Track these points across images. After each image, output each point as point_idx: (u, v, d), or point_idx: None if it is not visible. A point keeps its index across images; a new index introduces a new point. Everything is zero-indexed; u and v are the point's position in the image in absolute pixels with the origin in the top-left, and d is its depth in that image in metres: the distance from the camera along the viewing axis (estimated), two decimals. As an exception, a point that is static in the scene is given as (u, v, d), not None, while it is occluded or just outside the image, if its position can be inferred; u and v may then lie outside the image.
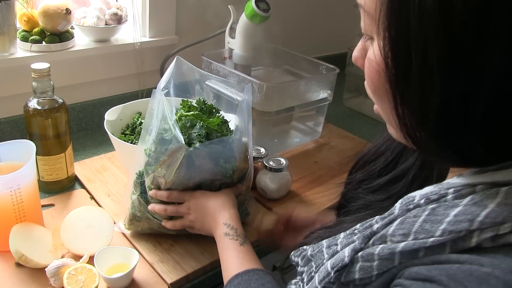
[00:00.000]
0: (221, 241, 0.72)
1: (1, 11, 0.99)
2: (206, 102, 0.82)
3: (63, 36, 1.13)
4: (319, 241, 0.56)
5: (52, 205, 0.93)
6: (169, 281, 0.77)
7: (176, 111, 0.80)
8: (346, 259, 0.47)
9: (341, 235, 0.53)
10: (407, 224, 0.44)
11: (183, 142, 0.72)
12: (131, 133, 1.03)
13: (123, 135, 1.03)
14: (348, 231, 0.52)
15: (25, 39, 1.09)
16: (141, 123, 1.03)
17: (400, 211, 0.46)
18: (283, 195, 1.01)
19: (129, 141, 0.99)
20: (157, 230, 0.84)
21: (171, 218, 0.81)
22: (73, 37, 1.16)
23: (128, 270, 0.73)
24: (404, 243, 0.43)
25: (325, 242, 0.54)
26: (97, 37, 1.20)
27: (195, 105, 0.82)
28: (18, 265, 0.77)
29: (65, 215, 0.82)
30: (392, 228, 0.45)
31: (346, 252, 0.48)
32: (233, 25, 1.20)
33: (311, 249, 0.56)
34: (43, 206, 0.90)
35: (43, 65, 0.87)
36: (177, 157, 0.73)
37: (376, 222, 0.48)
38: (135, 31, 1.24)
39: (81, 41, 1.19)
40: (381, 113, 0.47)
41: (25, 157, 0.79)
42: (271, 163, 0.99)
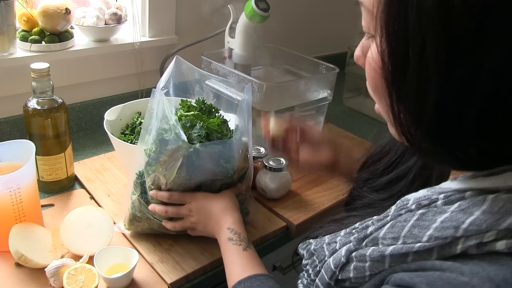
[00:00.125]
0: (225, 246, 0.73)
1: (0, 11, 0.99)
2: (205, 101, 0.82)
3: (62, 36, 1.12)
4: (324, 235, 0.58)
5: (51, 205, 0.93)
6: (169, 281, 0.77)
7: (176, 111, 0.80)
8: (343, 259, 0.49)
9: (342, 233, 0.55)
10: (397, 228, 0.45)
11: (185, 140, 0.72)
12: (131, 133, 1.03)
13: (123, 135, 1.03)
14: (348, 229, 0.54)
15: (24, 39, 1.09)
16: (140, 123, 1.03)
17: (393, 214, 0.47)
18: (283, 195, 1.01)
19: (129, 141, 0.99)
20: (157, 230, 0.84)
21: (171, 218, 0.81)
22: (72, 37, 1.16)
23: (128, 270, 0.73)
24: (393, 246, 0.44)
25: (326, 238, 0.56)
26: (96, 37, 1.20)
27: (194, 105, 0.81)
28: (18, 265, 0.77)
29: (64, 215, 0.82)
30: (383, 231, 0.46)
31: (343, 251, 0.50)
32: (233, 24, 1.20)
33: (314, 243, 0.58)
34: (42, 206, 0.90)
35: (42, 65, 0.86)
36: (178, 157, 0.73)
37: (372, 223, 0.50)
38: (134, 31, 1.24)
39: (80, 41, 1.19)
40: (381, 112, 0.48)
41: (25, 157, 0.79)
42: (271, 162, 0.99)
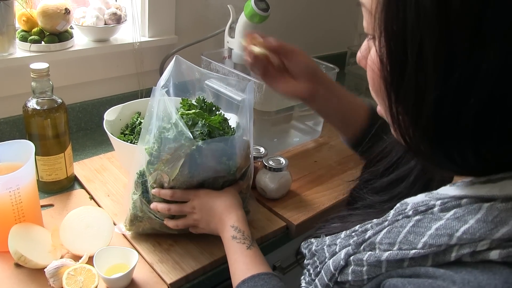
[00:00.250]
0: (228, 244, 0.73)
1: (0, 11, 0.98)
2: (205, 100, 0.82)
3: (62, 36, 1.12)
4: (327, 234, 0.58)
5: (51, 205, 0.93)
6: (168, 281, 0.77)
7: (177, 110, 0.79)
8: (342, 262, 0.50)
9: (342, 235, 0.55)
10: (393, 233, 0.45)
11: (190, 137, 0.72)
12: (131, 133, 1.03)
13: (123, 135, 1.03)
14: (348, 232, 0.54)
15: (24, 39, 1.08)
16: (140, 123, 1.03)
17: (391, 219, 0.48)
18: (283, 195, 1.01)
19: (129, 141, 0.98)
20: (159, 230, 0.84)
21: (173, 217, 0.81)
22: (72, 37, 1.15)
23: (128, 271, 0.73)
24: (389, 252, 0.44)
25: (327, 240, 0.56)
26: (96, 37, 1.20)
27: (195, 103, 0.81)
28: (17, 265, 0.76)
29: (64, 215, 0.82)
30: (380, 236, 0.46)
31: (342, 254, 0.50)
32: (233, 24, 1.20)
33: (316, 243, 0.58)
34: (42, 206, 0.90)
35: (42, 65, 0.86)
36: (181, 154, 0.73)
37: (371, 227, 0.50)
38: (134, 31, 1.24)
39: (80, 41, 1.19)
40: (383, 114, 0.47)
41: (24, 157, 0.78)
42: (270, 162, 0.99)
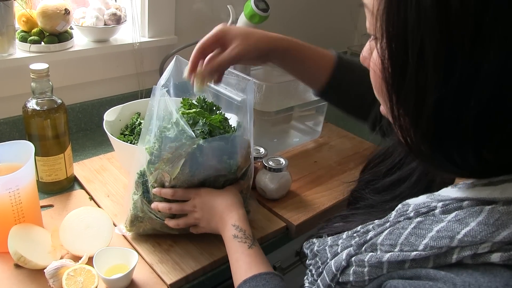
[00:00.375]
0: (230, 243, 0.73)
1: (0, 11, 0.99)
2: (206, 100, 0.82)
3: (62, 37, 1.12)
4: (329, 234, 0.59)
5: (51, 206, 0.93)
6: (168, 282, 0.77)
7: (177, 109, 0.79)
8: (343, 262, 0.50)
9: (344, 236, 0.55)
10: (395, 235, 0.45)
11: (192, 135, 0.72)
12: (130, 133, 1.03)
13: (122, 135, 1.03)
14: (350, 232, 0.55)
15: (24, 39, 1.08)
16: (140, 123, 1.03)
17: (393, 220, 0.48)
18: (282, 195, 1.01)
19: (128, 142, 0.98)
20: (159, 230, 0.84)
21: (173, 216, 0.81)
22: (72, 37, 1.15)
23: (128, 271, 0.73)
24: (390, 253, 0.44)
25: (329, 240, 0.56)
26: (96, 37, 1.20)
27: (195, 103, 0.82)
28: (17, 266, 0.76)
29: (64, 216, 0.82)
30: (382, 237, 0.47)
31: (344, 255, 0.50)
32: (232, 25, 1.20)
33: (317, 243, 0.58)
34: (42, 207, 0.90)
35: (42, 66, 0.86)
36: (182, 153, 0.73)
37: (373, 228, 0.50)
38: (134, 31, 1.24)
39: (80, 41, 1.19)
40: (386, 114, 0.47)
41: (24, 158, 0.78)
42: (270, 163, 0.99)
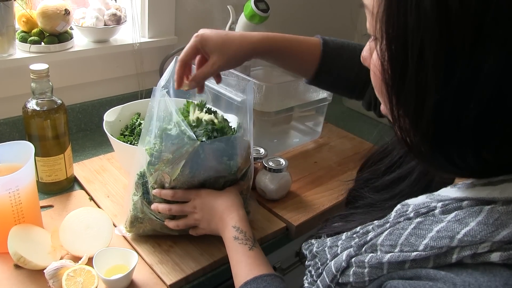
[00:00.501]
0: (230, 245, 0.73)
1: (0, 12, 0.99)
2: (206, 104, 0.82)
3: (62, 37, 1.12)
4: (328, 234, 0.59)
5: (51, 206, 0.93)
6: (168, 283, 0.76)
7: (177, 110, 0.80)
8: (343, 263, 0.50)
9: (343, 236, 0.55)
10: (395, 235, 0.45)
11: (193, 137, 0.72)
12: (130, 134, 1.03)
13: (122, 136, 1.03)
14: (349, 233, 0.55)
15: (24, 40, 1.08)
16: (140, 124, 1.03)
17: (392, 221, 0.48)
18: (282, 196, 1.01)
19: (128, 142, 0.98)
20: (159, 231, 0.84)
21: (173, 217, 0.81)
22: (72, 37, 1.15)
23: (127, 272, 0.73)
24: (390, 254, 0.45)
25: (328, 241, 0.57)
26: (96, 37, 1.20)
27: (197, 107, 0.82)
28: (17, 266, 0.76)
29: (64, 216, 0.82)
30: (382, 238, 0.47)
31: (344, 256, 0.50)
32: (232, 25, 1.20)
33: (316, 244, 0.58)
34: (42, 207, 0.90)
35: (42, 66, 0.86)
36: (183, 154, 0.73)
37: (373, 229, 0.50)
38: (134, 31, 1.24)
39: (80, 41, 1.19)
40: (386, 114, 0.48)
41: (24, 158, 0.78)
42: (270, 163, 0.99)
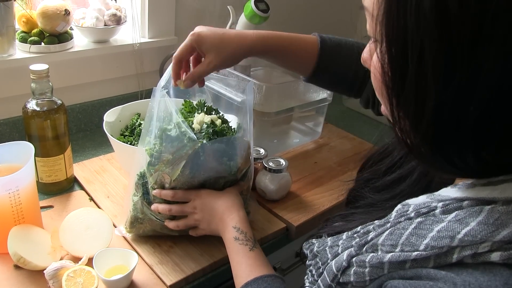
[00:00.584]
0: (231, 246, 0.73)
1: (0, 12, 0.99)
2: (206, 103, 0.82)
3: (62, 37, 1.12)
4: (329, 234, 0.59)
5: (51, 206, 0.93)
6: (168, 283, 0.76)
7: (177, 111, 0.80)
8: (344, 263, 0.50)
9: (344, 236, 0.55)
10: (395, 235, 0.45)
11: (193, 137, 0.72)
12: (130, 134, 1.03)
13: (122, 136, 1.03)
14: (350, 233, 0.55)
15: (24, 40, 1.08)
16: (140, 124, 1.03)
17: (393, 221, 0.48)
18: (283, 196, 1.01)
19: (128, 143, 0.98)
20: (159, 232, 0.84)
21: (173, 218, 0.81)
22: (72, 38, 1.15)
23: (127, 272, 0.73)
24: (391, 254, 0.45)
25: (329, 241, 0.57)
26: (96, 38, 1.20)
27: (196, 106, 0.82)
28: (17, 267, 0.76)
29: (64, 216, 0.82)
30: (382, 238, 0.47)
31: (344, 255, 0.50)
32: (232, 25, 1.20)
33: (317, 244, 0.58)
34: (42, 207, 0.90)
35: (42, 66, 0.86)
36: (183, 155, 0.73)
37: (374, 229, 0.50)
38: (134, 31, 1.24)
39: (80, 42, 1.19)
40: (387, 115, 0.48)
41: (24, 159, 0.78)
42: (270, 164, 0.98)
